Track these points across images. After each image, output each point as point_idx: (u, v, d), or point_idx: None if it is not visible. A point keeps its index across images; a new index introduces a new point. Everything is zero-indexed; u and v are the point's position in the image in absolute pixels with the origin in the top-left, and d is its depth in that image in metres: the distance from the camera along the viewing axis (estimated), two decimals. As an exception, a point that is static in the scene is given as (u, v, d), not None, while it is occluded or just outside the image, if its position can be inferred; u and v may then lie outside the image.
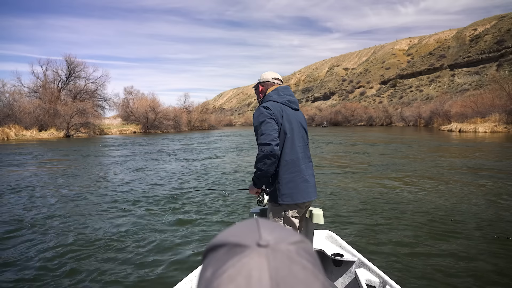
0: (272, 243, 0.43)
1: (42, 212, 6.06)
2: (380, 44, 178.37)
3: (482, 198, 6.66)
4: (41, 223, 5.40)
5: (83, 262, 3.95)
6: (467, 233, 4.66)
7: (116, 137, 37.93)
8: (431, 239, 4.43)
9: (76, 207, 6.46)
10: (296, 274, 0.40)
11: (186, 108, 72.15)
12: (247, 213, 5.59)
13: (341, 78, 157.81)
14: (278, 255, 0.41)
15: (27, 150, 19.41)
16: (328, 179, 9.06)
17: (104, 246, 4.41)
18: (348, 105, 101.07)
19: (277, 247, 0.42)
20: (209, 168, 11.56)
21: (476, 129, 34.32)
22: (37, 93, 44.69)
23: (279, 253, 0.42)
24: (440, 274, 3.48)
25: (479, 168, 10.53)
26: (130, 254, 4.15)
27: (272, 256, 0.41)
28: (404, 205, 6.16)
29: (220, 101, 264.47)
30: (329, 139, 28.13)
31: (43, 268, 3.82)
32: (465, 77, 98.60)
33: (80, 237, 4.74)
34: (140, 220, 5.56)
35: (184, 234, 4.87)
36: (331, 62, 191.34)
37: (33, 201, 7.02)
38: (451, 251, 4.05)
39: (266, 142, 2.21)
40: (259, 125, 2.29)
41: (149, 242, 4.53)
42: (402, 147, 18.60)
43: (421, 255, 3.96)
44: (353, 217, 5.44)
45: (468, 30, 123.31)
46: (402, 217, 5.40)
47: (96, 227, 5.23)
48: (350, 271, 2.66)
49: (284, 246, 0.43)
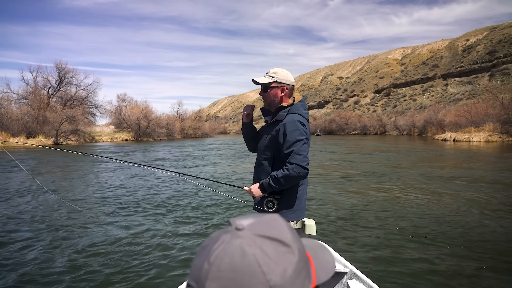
0: (247, 229, 0.52)
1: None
2: (374, 54, 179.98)
3: (482, 210, 6.29)
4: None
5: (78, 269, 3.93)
6: (462, 245, 4.54)
7: (106, 145, 37.18)
8: (424, 251, 4.35)
9: (61, 216, 5.97)
10: (246, 254, 0.49)
11: (179, 115, 71.61)
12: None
13: (336, 86, 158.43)
14: (243, 238, 0.51)
15: (7, 157, 18.68)
16: (320, 189, 8.85)
17: (97, 253, 4.38)
18: (342, 113, 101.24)
19: (246, 233, 0.52)
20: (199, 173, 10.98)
21: (471, 139, 34.11)
22: (26, 100, 43.91)
23: (245, 237, 0.51)
24: (432, 285, 3.46)
25: (476, 178, 10.13)
26: (128, 258, 4.19)
27: (236, 236, 0.51)
28: (397, 216, 6.06)
29: (214, 109, 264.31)
30: (322, 147, 27.68)
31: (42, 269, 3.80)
32: (458, 86, 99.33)
33: (69, 244, 4.69)
34: (133, 224, 5.53)
35: (178, 238, 4.86)
36: (325, 71, 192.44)
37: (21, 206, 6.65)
38: (444, 262, 3.99)
39: (304, 165, 2.22)
40: (295, 142, 2.23)
41: (147, 247, 4.56)
42: (397, 157, 18.18)
43: (414, 266, 3.90)
44: (345, 228, 5.37)
45: (460, 41, 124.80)
46: (395, 228, 5.32)
47: (87, 234, 5.17)
48: (342, 282, 2.58)
49: (251, 234, 0.52)
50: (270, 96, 2.36)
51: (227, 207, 6.74)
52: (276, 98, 2.36)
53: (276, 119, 2.36)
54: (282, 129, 2.28)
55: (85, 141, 42.22)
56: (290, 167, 2.21)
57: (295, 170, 2.20)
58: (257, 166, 2.48)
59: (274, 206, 2.33)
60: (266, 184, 2.30)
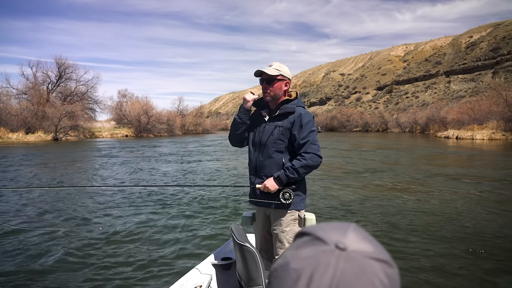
0: (350, 249, 0.44)
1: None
2: (377, 50, 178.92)
3: (485, 209, 6.16)
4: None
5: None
6: (462, 243, 4.50)
7: (105, 140, 36.99)
8: (423, 248, 4.31)
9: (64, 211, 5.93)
10: (361, 284, 0.41)
11: (180, 112, 71.28)
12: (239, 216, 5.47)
13: (337, 83, 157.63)
14: (351, 261, 0.42)
15: (8, 152, 18.45)
16: (320, 184, 8.82)
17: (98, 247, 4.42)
18: (344, 110, 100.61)
19: (353, 255, 0.43)
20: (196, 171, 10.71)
21: (474, 136, 33.66)
22: (26, 95, 43.66)
23: (353, 260, 0.43)
24: (432, 282, 3.43)
25: (480, 177, 9.90)
26: (126, 253, 4.20)
27: (343, 260, 0.42)
28: (397, 212, 6.03)
29: (216, 105, 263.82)
30: (323, 144, 27.36)
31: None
32: (461, 83, 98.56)
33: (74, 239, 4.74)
34: (135, 219, 5.61)
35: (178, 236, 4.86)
36: (327, 68, 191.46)
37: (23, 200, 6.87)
38: (444, 259, 3.96)
39: (319, 154, 2.32)
40: (310, 132, 2.32)
41: (145, 243, 4.61)
42: (398, 154, 17.85)
43: (414, 263, 3.87)
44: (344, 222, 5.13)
45: (463, 37, 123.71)
46: (395, 224, 5.32)
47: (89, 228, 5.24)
48: None
49: (362, 257, 0.43)
50: (276, 89, 2.38)
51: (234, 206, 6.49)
52: (280, 91, 2.40)
53: (286, 111, 2.37)
54: (298, 120, 2.33)
55: (85, 136, 41.99)
56: (307, 156, 2.28)
57: (312, 159, 2.28)
58: (263, 159, 2.42)
59: (291, 197, 2.33)
60: (283, 176, 2.29)
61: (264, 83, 2.38)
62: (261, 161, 2.42)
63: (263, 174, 2.41)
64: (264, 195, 2.38)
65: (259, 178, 2.43)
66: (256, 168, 2.45)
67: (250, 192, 2.54)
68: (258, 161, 2.44)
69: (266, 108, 2.49)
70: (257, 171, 2.45)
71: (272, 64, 2.37)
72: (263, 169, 2.41)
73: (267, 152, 2.39)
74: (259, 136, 2.44)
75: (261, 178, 2.41)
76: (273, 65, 2.36)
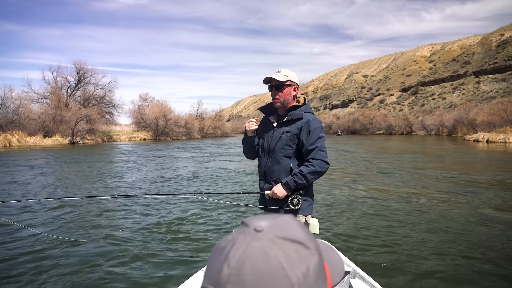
0: (265, 231, 0.50)
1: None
2: (401, 51, 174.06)
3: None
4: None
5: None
6: (475, 254, 4.20)
7: (122, 144, 36.90)
8: (429, 253, 4.22)
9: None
10: (265, 258, 0.47)
11: (199, 115, 71.19)
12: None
13: (360, 85, 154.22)
14: (262, 240, 0.49)
15: (21, 157, 18.20)
16: (325, 188, 8.70)
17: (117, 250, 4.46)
18: (367, 112, 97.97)
19: (266, 235, 0.50)
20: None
21: (507, 139, 31.14)
22: (46, 100, 44.43)
23: (265, 239, 0.49)
24: (435, 285, 3.40)
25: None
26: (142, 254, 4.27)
27: (256, 239, 0.49)
28: (402, 218, 5.87)
29: (237, 109, 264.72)
30: (342, 148, 25.91)
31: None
32: (491, 84, 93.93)
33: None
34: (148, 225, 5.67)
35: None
36: (350, 69, 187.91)
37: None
38: (448, 263, 3.92)
39: (327, 161, 2.36)
40: (318, 138, 2.35)
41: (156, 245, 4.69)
42: (423, 159, 16.27)
43: (417, 267, 3.82)
44: (348, 227, 5.33)
45: (494, 36, 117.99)
46: (399, 230, 5.20)
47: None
48: (344, 281, 2.55)
49: (274, 237, 0.50)
50: (285, 95, 2.40)
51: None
52: (289, 97, 2.42)
53: (294, 117, 2.40)
54: (306, 126, 2.36)
55: (103, 140, 42.18)
56: (315, 162, 2.31)
57: (320, 165, 2.32)
58: (272, 165, 2.45)
59: (299, 202, 2.36)
60: (292, 182, 2.32)
61: (273, 89, 2.41)
62: (270, 166, 2.46)
63: (271, 179, 2.45)
64: (273, 201, 2.43)
65: (268, 183, 2.47)
66: (265, 173, 2.49)
67: (260, 198, 2.60)
68: (267, 167, 2.48)
69: (274, 114, 2.53)
70: (266, 177, 2.49)
71: (280, 70, 2.40)
72: (272, 174, 2.45)
73: (275, 158, 2.43)
74: (268, 142, 2.48)
75: (270, 183, 2.46)
76: (281, 72, 2.39)
